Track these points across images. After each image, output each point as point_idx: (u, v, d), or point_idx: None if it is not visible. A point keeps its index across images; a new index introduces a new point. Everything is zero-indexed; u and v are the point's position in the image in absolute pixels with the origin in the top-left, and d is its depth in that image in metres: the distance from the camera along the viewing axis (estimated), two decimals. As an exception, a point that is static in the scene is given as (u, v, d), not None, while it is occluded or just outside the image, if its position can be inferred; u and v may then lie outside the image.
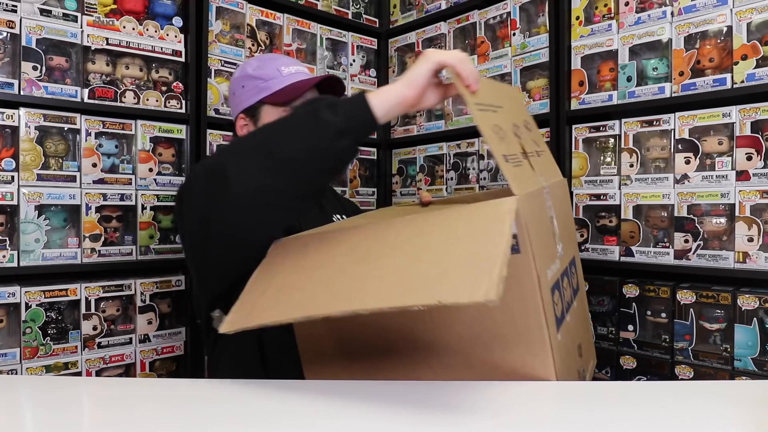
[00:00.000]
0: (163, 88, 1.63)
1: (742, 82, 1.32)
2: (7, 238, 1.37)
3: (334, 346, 0.90)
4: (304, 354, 0.92)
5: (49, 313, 1.41)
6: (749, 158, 1.31)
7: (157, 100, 1.61)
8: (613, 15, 1.55)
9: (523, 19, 1.77)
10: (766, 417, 0.61)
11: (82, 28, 1.47)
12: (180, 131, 1.65)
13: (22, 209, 1.38)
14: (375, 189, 2.18)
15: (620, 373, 1.51)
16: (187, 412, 0.67)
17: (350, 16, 2.11)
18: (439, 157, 2.01)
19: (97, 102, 1.50)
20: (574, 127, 1.62)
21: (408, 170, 2.15)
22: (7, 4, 1.37)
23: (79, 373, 1.44)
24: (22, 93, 1.39)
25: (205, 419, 0.64)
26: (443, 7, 2.00)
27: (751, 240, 1.30)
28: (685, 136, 1.41)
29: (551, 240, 0.89)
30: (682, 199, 1.40)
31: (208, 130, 1.69)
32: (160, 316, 1.60)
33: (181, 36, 1.65)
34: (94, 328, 1.48)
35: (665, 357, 1.43)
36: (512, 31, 1.77)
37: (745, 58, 1.32)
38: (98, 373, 1.48)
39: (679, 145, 1.42)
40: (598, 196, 1.55)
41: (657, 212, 1.46)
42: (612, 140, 1.55)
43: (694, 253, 1.38)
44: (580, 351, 1.00)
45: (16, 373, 1.35)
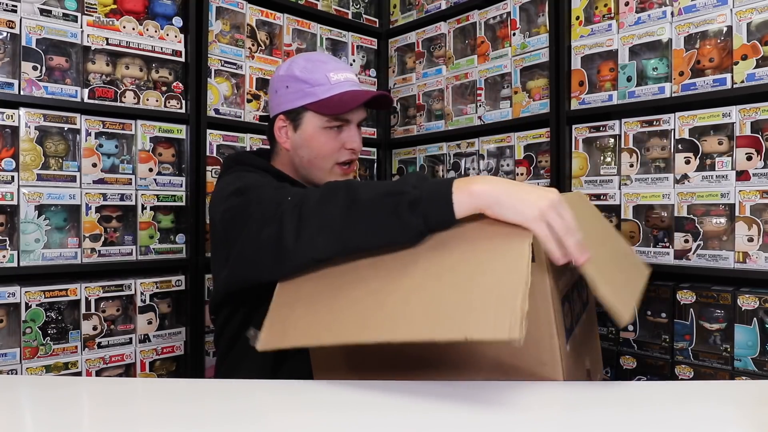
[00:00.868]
0: (163, 88, 1.63)
1: (742, 82, 1.32)
2: (7, 238, 1.37)
3: (343, 360, 0.92)
4: (316, 367, 0.95)
5: (49, 313, 1.41)
6: (749, 158, 1.31)
7: (157, 100, 1.61)
8: (613, 15, 1.55)
9: (523, 19, 1.77)
10: (766, 417, 0.61)
11: (82, 28, 1.47)
12: (180, 131, 1.65)
13: (22, 209, 1.38)
14: (375, 189, 2.18)
15: (620, 373, 1.51)
16: (187, 413, 0.67)
17: (350, 16, 2.11)
18: (439, 157, 2.01)
19: (97, 102, 1.50)
20: (574, 127, 1.62)
21: (408, 170, 2.15)
22: (7, 4, 1.37)
23: (79, 373, 1.44)
24: (22, 93, 1.39)
25: (206, 419, 0.64)
26: (443, 7, 2.00)
27: (751, 240, 1.30)
28: (685, 136, 1.41)
29: None
30: (682, 199, 1.40)
31: (208, 130, 1.69)
32: (160, 316, 1.60)
33: (181, 36, 1.65)
34: (94, 328, 1.48)
35: (665, 357, 1.43)
36: (512, 31, 1.77)
37: (745, 58, 1.32)
38: (98, 373, 1.48)
39: (679, 145, 1.42)
40: (598, 196, 1.55)
41: (657, 212, 1.46)
42: (612, 140, 1.55)
43: (694, 253, 1.38)
44: (588, 364, 1.00)
45: (16, 373, 1.35)
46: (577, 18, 1.61)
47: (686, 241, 1.40)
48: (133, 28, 1.56)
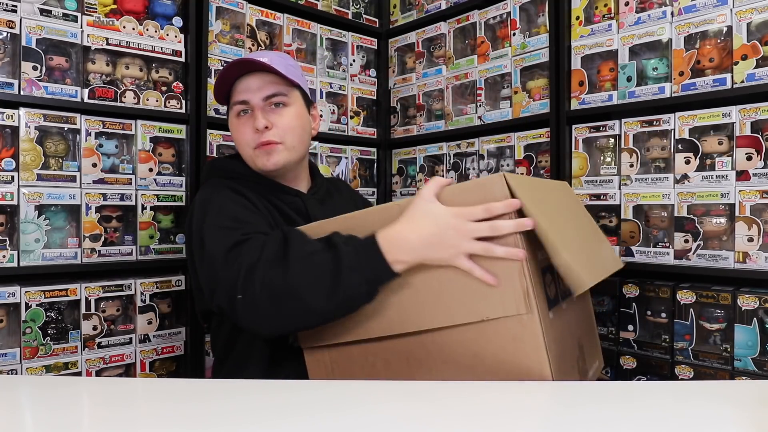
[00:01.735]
0: (163, 88, 1.63)
1: (742, 82, 1.32)
2: (7, 238, 1.37)
3: (332, 370, 0.98)
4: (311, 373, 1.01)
5: (49, 313, 1.41)
6: (749, 158, 1.31)
7: (157, 100, 1.61)
8: (613, 15, 1.55)
9: (523, 19, 1.77)
10: (766, 417, 0.61)
11: (82, 28, 1.47)
12: (180, 131, 1.65)
13: (22, 209, 1.38)
14: (375, 189, 2.18)
15: (620, 373, 1.51)
16: (187, 413, 0.67)
17: (350, 16, 2.11)
18: (439, 157, 2.01)
19: (97, 102, 1.50)
20: (574, 127, 1.61)
21: (408, 170, 2.15)
22: (7, 4, 1.37)
23: (79, 373, 1.44)
24: (22, 93, 1.39)
25: (206, 419, 0.64)
26: (443, 7, 2.00)
27: (751, 240, 1.30)
28: (685, 136, 1.41)
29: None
30: (682, 199, 1.40)
31: (208, 130, 1.69)
32: (160, 316, 1.60)
33: (181, 36, 1.65)
34: (94, 328, 1.48)
35: (665, 357, 1.43)
36: (512, 31, 1.77)
37: (745, 58, 1.32)
38: (98, 373, 1.48)
39: (679, 145, 1.42)
40: (598, 196, 1.55)
41: (657, 212, 1.46)
42: (612, 140, 1.55)
43: (694, 253, 1.38)
44: (581, 346, 1.00)
45: (16, 373, 1.35)
46: (577, 18, 1.61)
47: (686, 241, 1.40)
48: (133, 28, 1.56)
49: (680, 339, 1.40)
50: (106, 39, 1.51)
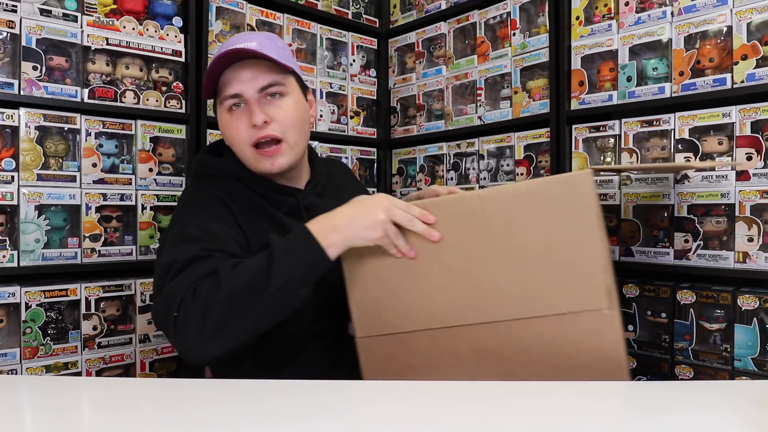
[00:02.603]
0: (163, 88, 1.63)
1: (742, 82, 1.32)
2: (7, 238, 1.37)
3: (388, 360, 0.97)
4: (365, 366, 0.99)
5: (49, 313, 1.41)
6: (749, 158, 1.31)
7: (157, 100, 1.61)
8: (613, 15, 1.55)
9: (523, 19, 1.77)
10: (766, 417, 0.61)
11: (82, 28, 1.47)
12: (180, 131, 1.65)
13: (22, 209, 1.38)
14: (375, 189, 2.18)
15: (620, 373, 1.50)
16: (187, 412, 0.67)
17: (350, 16, 2.11)
18: (439, 157, 2.01)
19: (97, 102, 1.50)
20: (574, 127, 1.61)
21: (408, 170, 2.15)
22: (7, 4, 1.37)
23: (79, 373, 1.44)
24: (22, 93, 1.39)
25: (206, 420, 0.64)
26: (443, 7, 2.00)
27: (751, 240, 1.30)
28: (685, 136, 1.41)
29: None
30: (682, 199, 1.40)
31: (208, 130, 1.69)
32: (160, 316, 1.59)
33: (181, 36, 1.65)
34: (94, 328, 1.48)
35: (665, 357, 1.43)
36: (512, 31, 1.77)
37: (745, 58, 1.32)
38: (98, 373, 1.48)
39: (679, 145, 1.42)
40: (597, 196, 1.55)
41: (657, 212, 1.46)
42: (612, 140, 1.55)
43: (694, 253, 1.38)
44: None
45: (16, 373, 1.35)
46: (577, 18, 1.61)
47: (686, 241, 1.40)
48: (133, 28, 1.56)
49: (680, 339, 1.40)
50: (106, 39, 1.51)
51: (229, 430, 0.61)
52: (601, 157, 1.58)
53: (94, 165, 1.50)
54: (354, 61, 2.11)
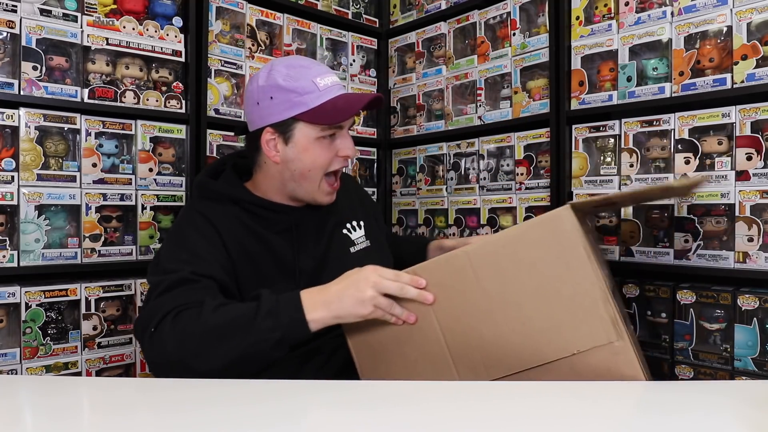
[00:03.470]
0: (163, 88, 1.63)
1: (742, 82, 1.32)
2: (7, 238, 1.37)
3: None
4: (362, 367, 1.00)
5: (49, 313, 1.41)
6: (749, 158, 1.31)
7: (157, 100, 1.61)
8: (613, 15, 1.55)
9: (523, 19, 1.77)
10: (766, 417, 0.61)
11: (82, 28, 1.47)
12: (180, 131, 1.65)
13: (22, 209, 1.38)
14: (375, 189, 2.18)
15: (620, 373, 1.50)
16: (186, 412, 0.67)
17: (350, 16, 2.11)
18: (439, 157, 2.01)
19: (97, 102, 1.50)
20: (574, 127, 1.61)
21: (408, 170, 2.15)
22: (7, 4, 1.37)
23: (79, 373, 1.44)
24: (22, 93, 1.39)
25: (206, 420, 0.64)
26: (443, 7, 2.00)
27: (751, 240, 1.30)
28: (685, 136, 1.41)
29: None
30: (682, 199, 1.39)
31: (208, 130, 1.69)
32: (160, 316, 1.59)
33: (181, 36, 1.65)
34: (94, 328, 1.48)
35: (665, 357, 1.43)
36: (512, 31, 1.77)
37: (745, 58, 1.32)
38: (98, 373, 1.48)
39: (679, 145, 1.42)
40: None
41: (657, 212, 1.46)
42: (612, 140, 1.55)
43: (694, 253, 1.38)
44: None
45: (16, 373, 1.35)
46: (577, 18, 1.61)
47: (686, 241, 1.40)
48: (133, 28, 1.56)
49: (680, 339, 1.40)
50: (106, 39, 1.51)
51: (229, 430, 0.61)
52: (601, 157, 1.58)
53: (94, 165, 1.50)
54: (354, 61, 2.11)
